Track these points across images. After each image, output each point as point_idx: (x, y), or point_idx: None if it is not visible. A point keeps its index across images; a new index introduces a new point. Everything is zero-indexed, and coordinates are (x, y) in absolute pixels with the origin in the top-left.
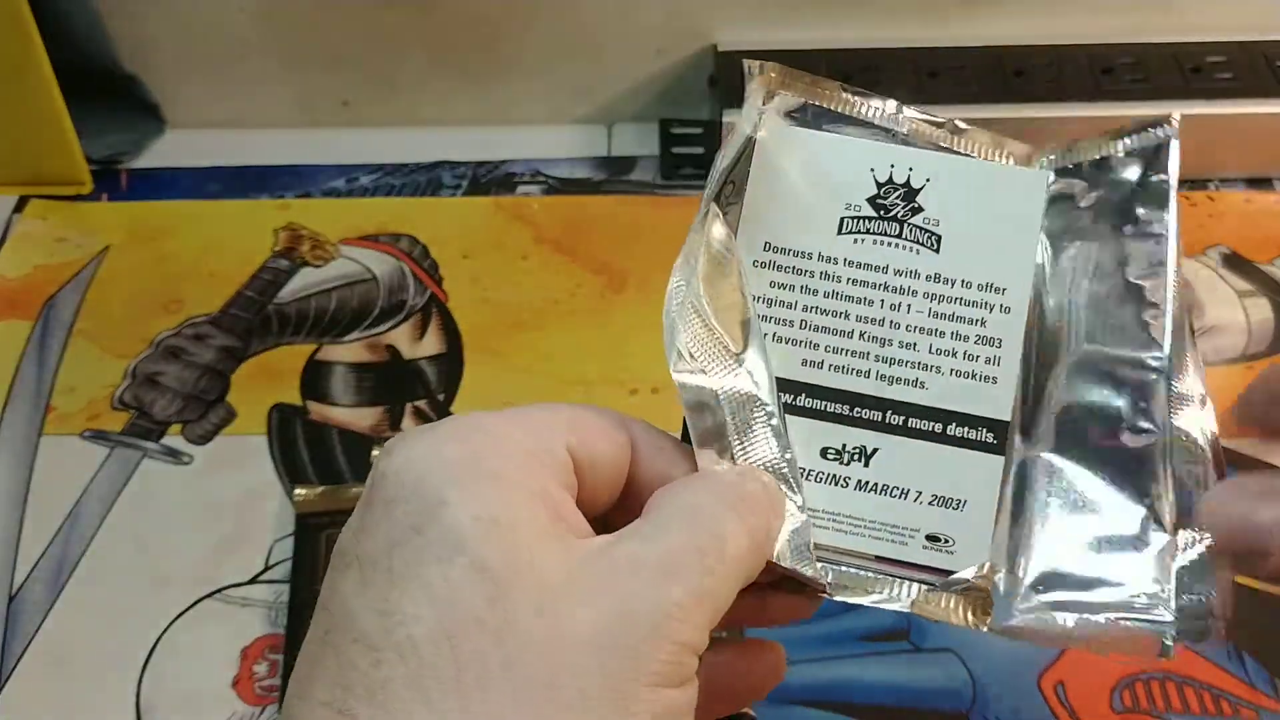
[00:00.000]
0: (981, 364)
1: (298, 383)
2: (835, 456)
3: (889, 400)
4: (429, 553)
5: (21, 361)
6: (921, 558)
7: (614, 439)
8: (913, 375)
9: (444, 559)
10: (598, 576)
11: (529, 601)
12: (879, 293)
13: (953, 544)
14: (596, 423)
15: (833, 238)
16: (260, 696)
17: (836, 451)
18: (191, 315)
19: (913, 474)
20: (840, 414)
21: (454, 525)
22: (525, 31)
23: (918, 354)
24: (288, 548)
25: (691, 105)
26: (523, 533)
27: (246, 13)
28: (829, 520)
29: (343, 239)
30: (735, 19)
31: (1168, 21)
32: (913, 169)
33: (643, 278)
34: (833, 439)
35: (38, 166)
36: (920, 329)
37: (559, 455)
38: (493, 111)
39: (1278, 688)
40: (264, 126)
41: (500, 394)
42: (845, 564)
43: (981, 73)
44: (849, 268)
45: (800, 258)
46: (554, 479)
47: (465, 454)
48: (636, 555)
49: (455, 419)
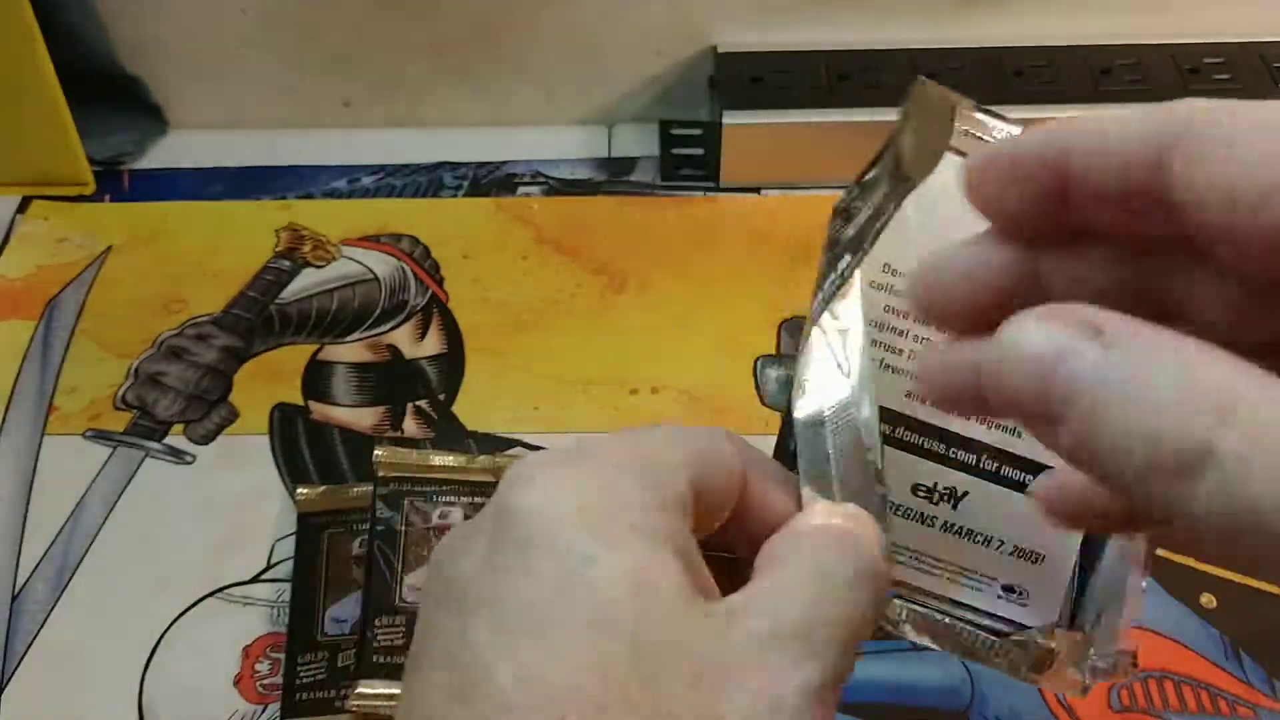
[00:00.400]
0: None
1: (299, 383)
2: (925, 494)
3: (986, 445)
4: (575, 616)
5: (24, 361)
6: (996, 606)
7: (730, 472)
8: (1012, 422)
9: (592, 626)
10: (744, 653)
11: (680, 682)
12: None
13: (1027, 597)
14: (715, 456)
15: None
16: (262, 695)
17: (927, 490)
18: (194, 315)
19: (998, 522)
20: (936, 452)
21: (604, 589)
22: (526, 33)
23: None
24: (289, 547)
25: (691, 106)
26: (670, 600)
27: (248, 14)
28: (911, 558)
29: (344, 239)
30: (735, 20)
31: (1166, 23)
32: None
33: (643, 278)
34: (925, 477)
35: (40, 167)
36: None
37: (686, 497)
38: (493, 112)
39: (1275, 687)
40: (266, 127)
41: (501, 394)
42: (919, 603)
43: (980, 74)
44: None
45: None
46: (686, 527)
47: (604, 501)
48: (777, 630)
49: (581, 452)
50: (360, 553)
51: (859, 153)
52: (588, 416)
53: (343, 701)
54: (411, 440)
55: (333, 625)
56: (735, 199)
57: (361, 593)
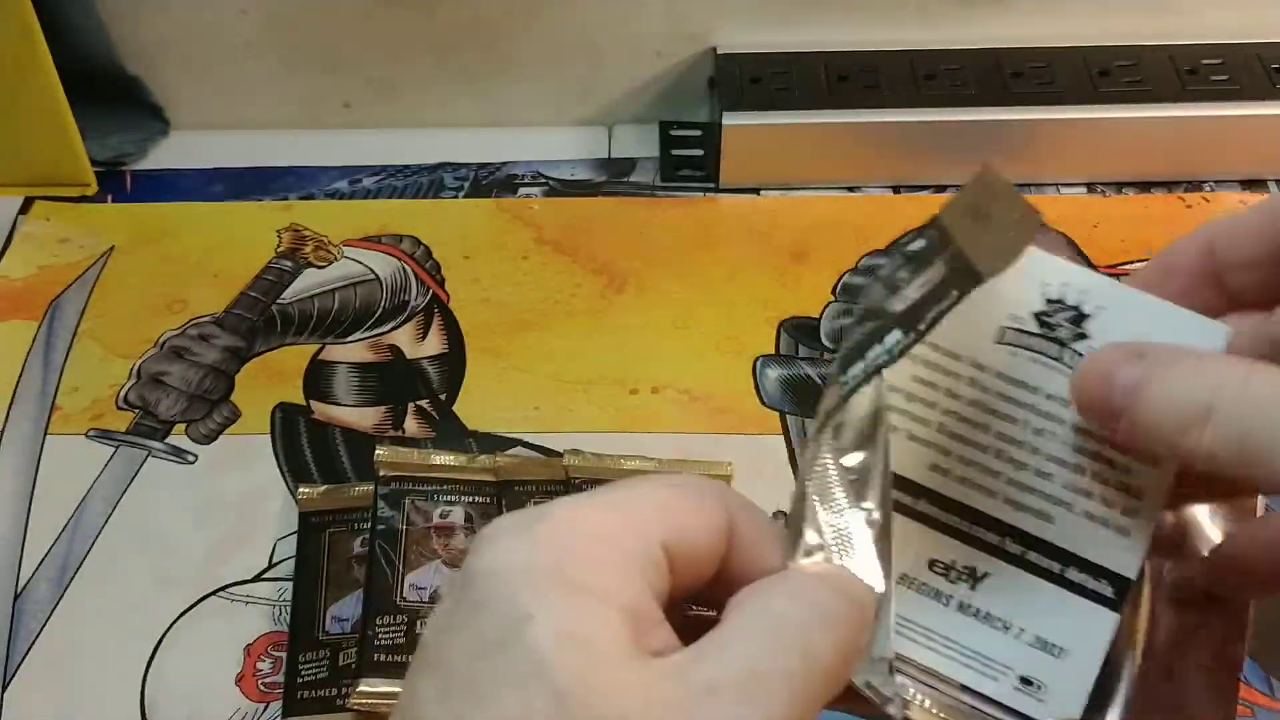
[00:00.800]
0: (1118, 513)
1: (301, 382)
2: (943, 571)
3: (1011, 526)
4: (509, 672)
5: (27, 361)
6: (1009, 698)
7: (712, 527)
8: (1041, 506)
9: (522, 683)
10: (678, 704)
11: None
12: (1026, 413)
13: (1045, 691)
14: (696, 511)
15: (991, 345)
16: (263, 693)
17: (945, 567)
18: (196, 315)
19: (1020, 609)
20: (957, 529)
21: (535, 644)
22: (526, 34)
23: (1052, 485)
24: (291, 546)
25: (691, 107)
26: (604, 654)
27: (250, 15)
28: (922, 635)
29: (345, 240)
30: (734, 21)
31: (1163, 24)
32: (1086, 293)
33: (643, 278)
34: (944, 553)
35: (42, 168)
36: (1060, 460)
37: (653, 555)
38: (494, 113)
39: (1274, 686)
40: (267, 128)
41: (501, 394)
42: (927, 684)
43: (978, 75)
44: (1000, 380)
45: (951, 358)
46: (646, 587)
47: (554, 562)
48: (715, 679)
49: (551, 513)
50: (361, 552)
51: (858, 153)
52: (588, 416)
53: (344, 700)
54: (412, 440)
55: (334, 624)
56: (735, 199)
57: (362, 592)
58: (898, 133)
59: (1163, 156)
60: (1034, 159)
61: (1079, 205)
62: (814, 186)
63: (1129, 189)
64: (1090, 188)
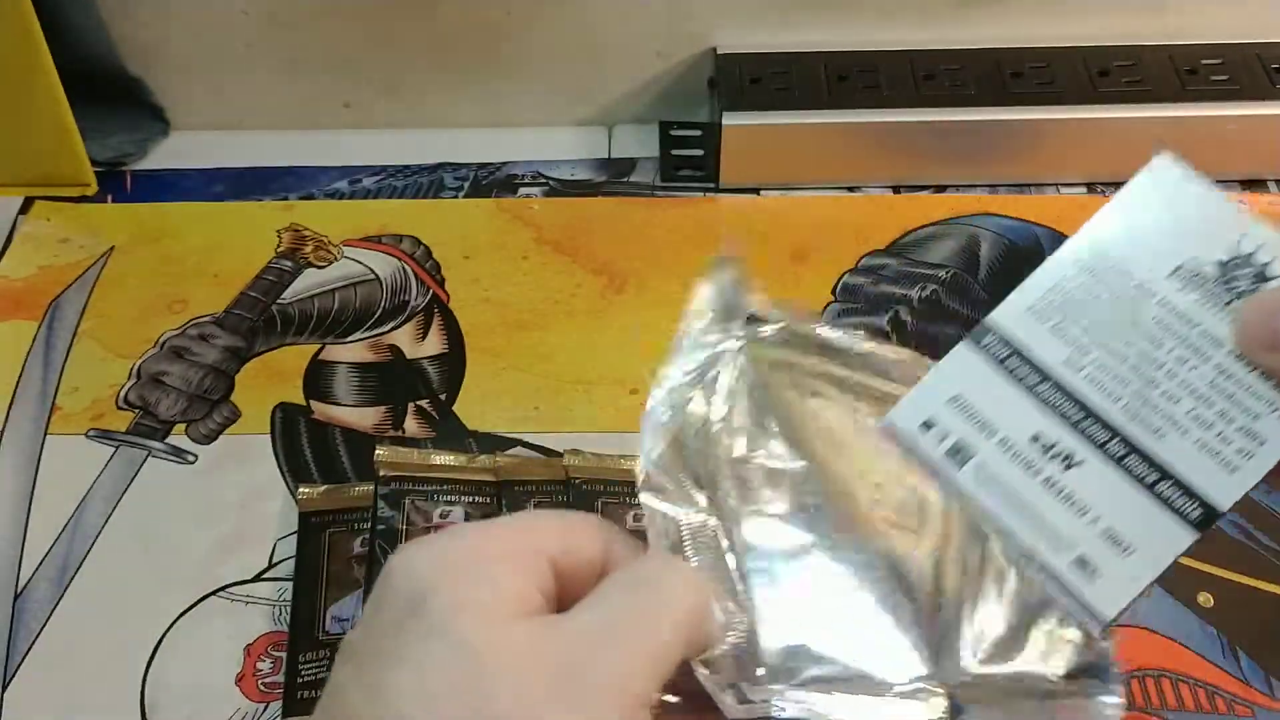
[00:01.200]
0: (1232, 451)
1: (301, 382)
2: (1042, 449)
3: (1121, 431)
4: (413, 636)
5: (27, 361)
6: (1062, 570)
7: (593, 548)
8: (1158, 424)
9: (425, 642)
10: (552, 644)
11: (500, 670)
12: (1174, 341)
13: (1097, 576)
14: (580, 535)
15: (1162, 276)
16: (264, 693)
17: (1046, 446)
18: (196, 315)
19: (1101, 500)
20: (1070, 417)
21: (436, 611)
22: (526, 34)
23: (1176, 408)
24: (291, 546)
25: (691, 107)
26: (493, 615)
27: (250, 16)
28: (1001, 494)
29: (345, 240)
30: (734, 22)
31: (1163, 24)
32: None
33: (642, 278)
34: (1050, 432)
35: (43, 168)
36: (1192, 391)
37: (541, 564)
38: (494, 113)
39: (1273, 685)
40: (267, 128)
41: (501, 394)
42: (1004, 540)
43: (978, 75)
44: (1160, 307)
45: (1120, 274)
46: (532, 583)
47: (455, 551)
48: (583, 625)
49: (456, 529)
50: (361, 552)
51: (858, 153)
52: (588, 416)
53: None
54: (412, 440)
55: (334, 624)
56: (734, 199)
57: (363, 592)
58: (897, 133)
59: None
60: (1034, 159)
61: (1079, 205)
62: (814, 186)
63: None
64: (1090, 188)
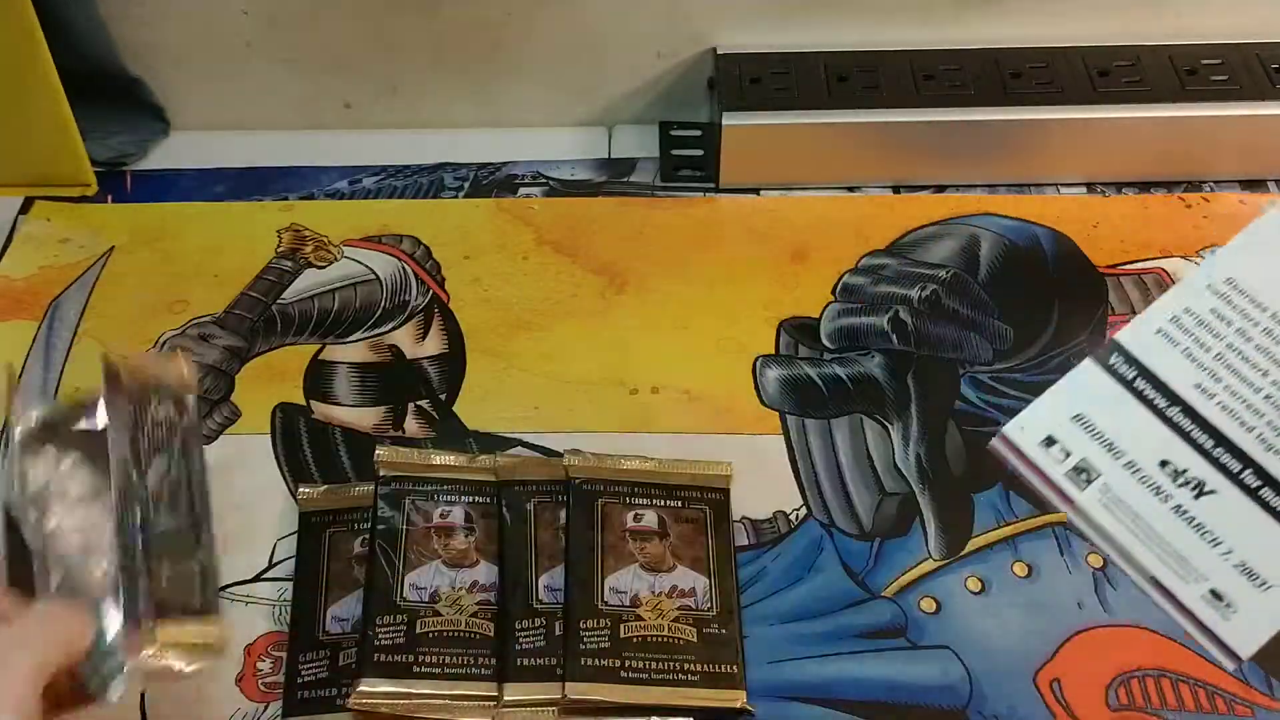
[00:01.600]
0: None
1: (301, 382)
2: (1172, 474)
3: (1255, 461)
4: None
5: (27, 361)
6: (1195, 604)
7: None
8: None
9: None
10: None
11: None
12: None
13: (1234, 611)
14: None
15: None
16: (264, 693)
17: (1176, 471)
18: (196, 315)
19: (1234, 529)
20: (1201, 444)
21: None
22: (527, 35)
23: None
24: (291, 546)
25: (691, 108)
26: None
27: (250, 16)
28: (1128, 518)
29: (346, 240)
30: (734, 22)
31: (1163, 24)
32: None
33: (642, 278)
34: (1180, 459)
35: (43, 168)
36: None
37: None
38: (494, 114)
39: (1273, 685)
40: (267, 129)
41: (501, 394)
42: (1125, 558)
43: (977, 75)
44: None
45: (1254, 305)
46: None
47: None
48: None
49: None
50: (361, 552)
51: (858, 153)
52: (588, 416)
53: (344, 700)
54: (412, 440)
55: (334, 624)
56: (734, 200)
57: (363, 592)
58: (897, 133)
59: (1163, 156)
60: (1034, 159)
61: (1079, 205)
62: (814, 186)
63: (1129, 189)
64: (1090, 188)
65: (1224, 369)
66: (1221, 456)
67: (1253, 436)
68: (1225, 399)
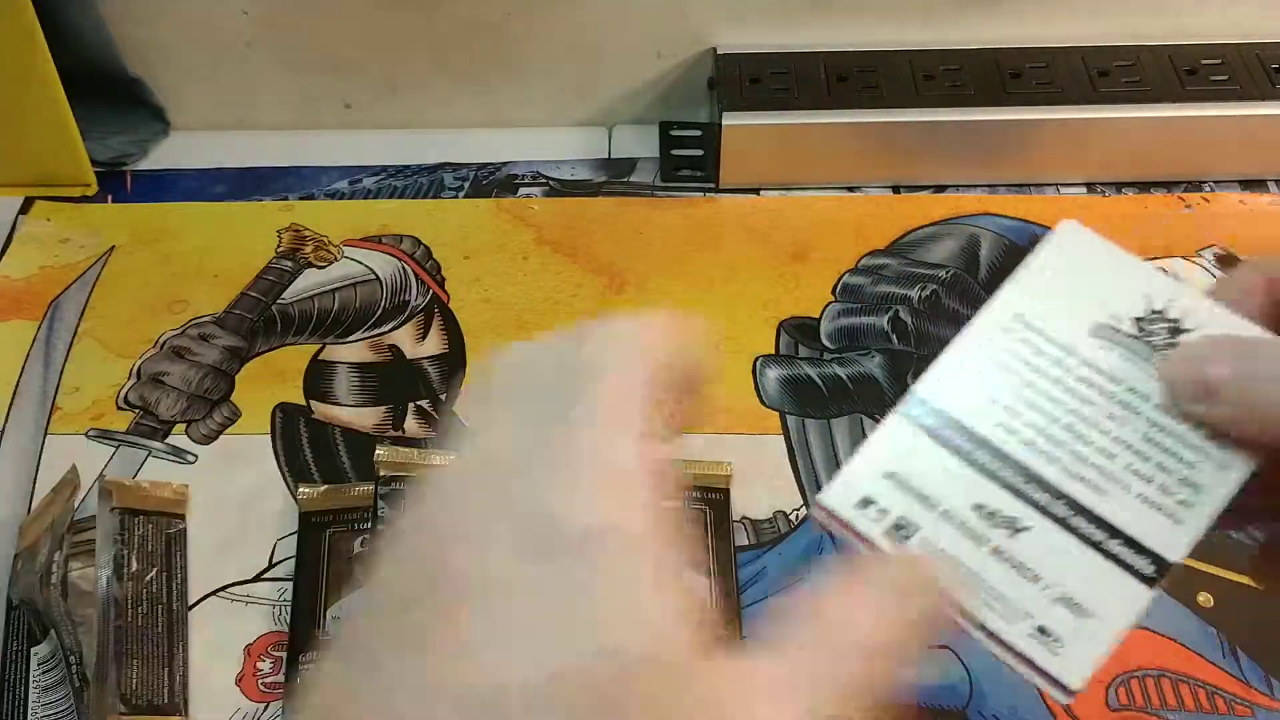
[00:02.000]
0: (1174, 503)
1: (301, 382)
2: (985, 516)
3: (1063, 492)
4: None
5: (27, 361)
6: (1022, 643)
7: None
8: (1099, 481)
9: None
10: None
11: None
12: (1103, 399)
13: (1061, 645)
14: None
15: (1085, 336)
16: (264, 693)
17: (990, 513)
18: (196, 315)
19: (1052, 564)
20: (1010, 483)
21: None
22: (527, 34)
23: (1113, 464)
24: (291, 546)
25: (691, 107)
26: None
27: (250, 15)
28: (950, 569)
29: (346, 240)
30: (734, 22)
31: (1163, 24)
32: (1187, 311)
33: (643, 279)
34: (991, 500)
35: (43, 168)
36: (1127, 445)
37: None
38: (494, 114)
39: (1273, 685)
40: (267, 128)
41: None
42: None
43: (977, 75)
44: (1086, 367)
45: (1044, 339)
46: None
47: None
48: None
49: None
50: (362, 552)
51: (858, 153)
52: None
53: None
54: (413, 440)
55: (334, 624)
56: (734, 200)
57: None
58: (897, 133)
59: (1162, 156)
60: (1033, 159)
61: (1079, 205)
62: (814, 186)
63: (1128, 189)
64: (1090, 188)
65: (1022, 405)
66: (1032, 492)
67: (1057, 468)
68: (1028, 434)
